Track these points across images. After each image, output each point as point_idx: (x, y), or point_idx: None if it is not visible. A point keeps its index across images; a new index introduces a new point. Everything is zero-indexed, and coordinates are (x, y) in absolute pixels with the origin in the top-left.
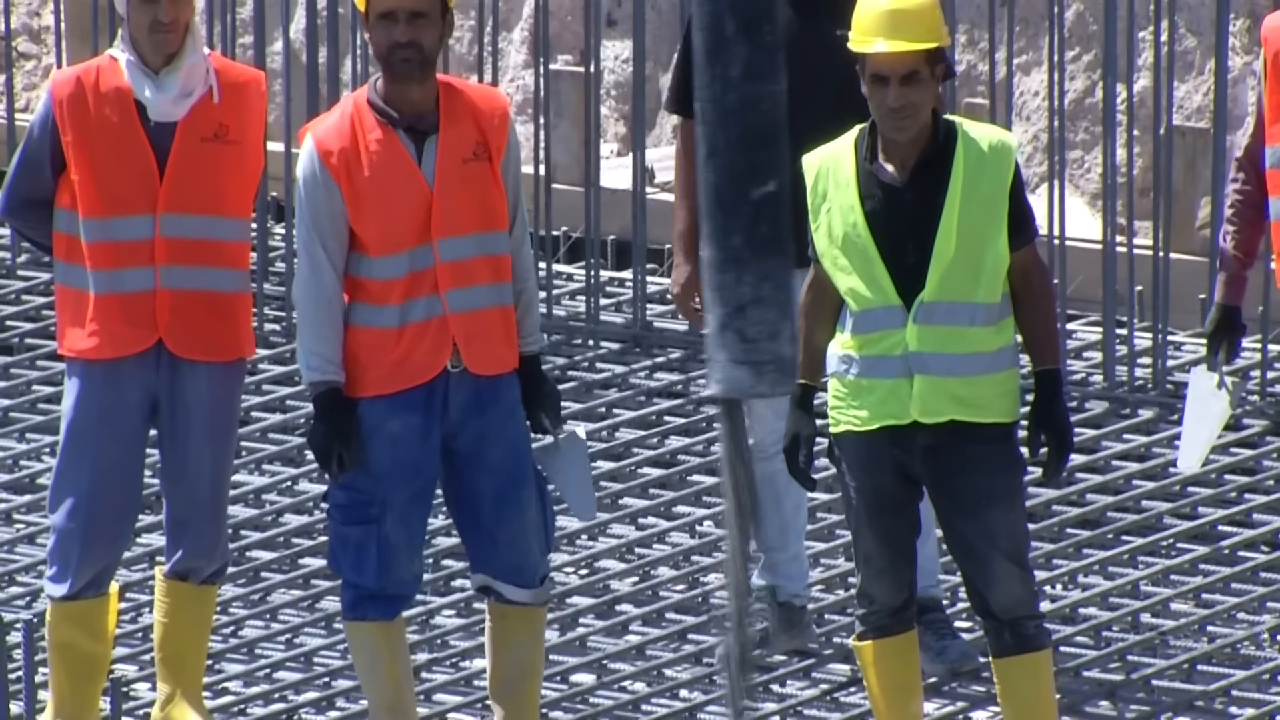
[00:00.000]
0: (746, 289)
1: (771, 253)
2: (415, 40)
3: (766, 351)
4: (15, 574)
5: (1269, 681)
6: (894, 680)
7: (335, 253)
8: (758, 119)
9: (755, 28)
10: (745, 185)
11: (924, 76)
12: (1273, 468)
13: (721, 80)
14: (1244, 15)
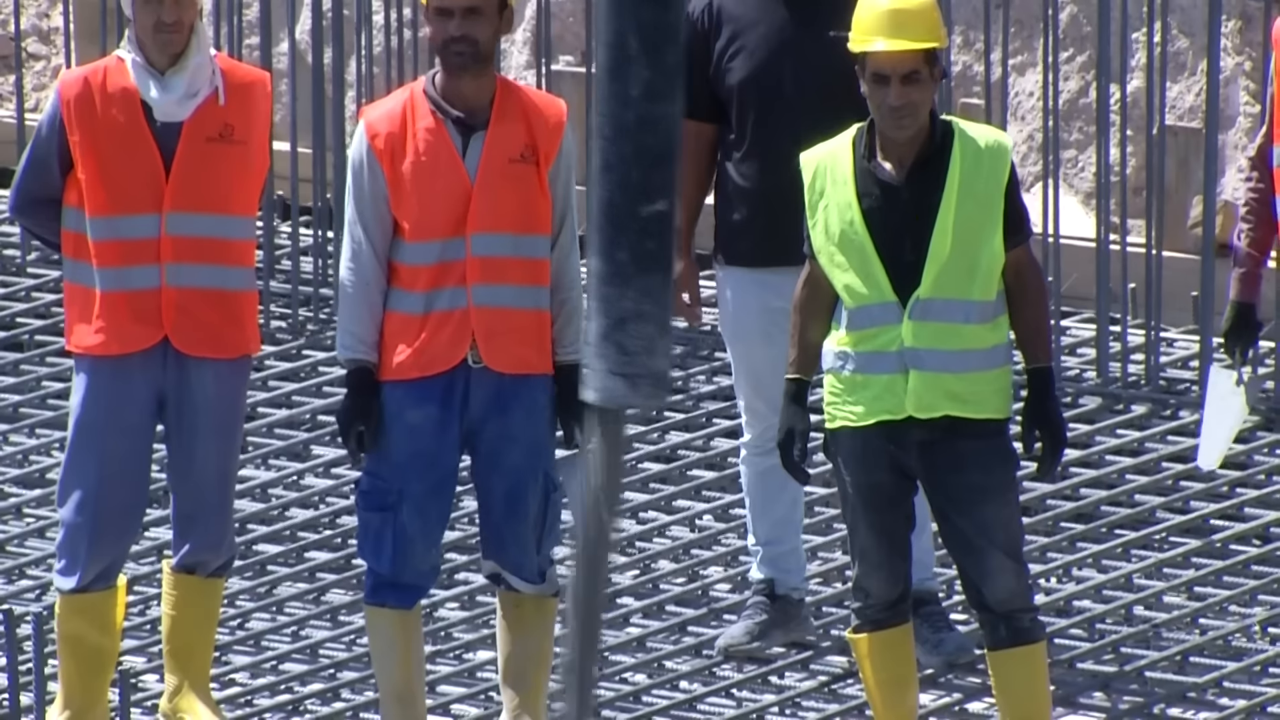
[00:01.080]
0: (629, 303)
1: (655, 269)
2: (469, 35)
3: (642, 366)
4: (25, 568)
5: (1260, 673)
6: (890, 672)
7: (376, 235)
8: (654, 139)
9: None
10: (636, 202)
11: (924, 76)
12: (1264, 462)
13: (621, 98)
14: (1236, 17)
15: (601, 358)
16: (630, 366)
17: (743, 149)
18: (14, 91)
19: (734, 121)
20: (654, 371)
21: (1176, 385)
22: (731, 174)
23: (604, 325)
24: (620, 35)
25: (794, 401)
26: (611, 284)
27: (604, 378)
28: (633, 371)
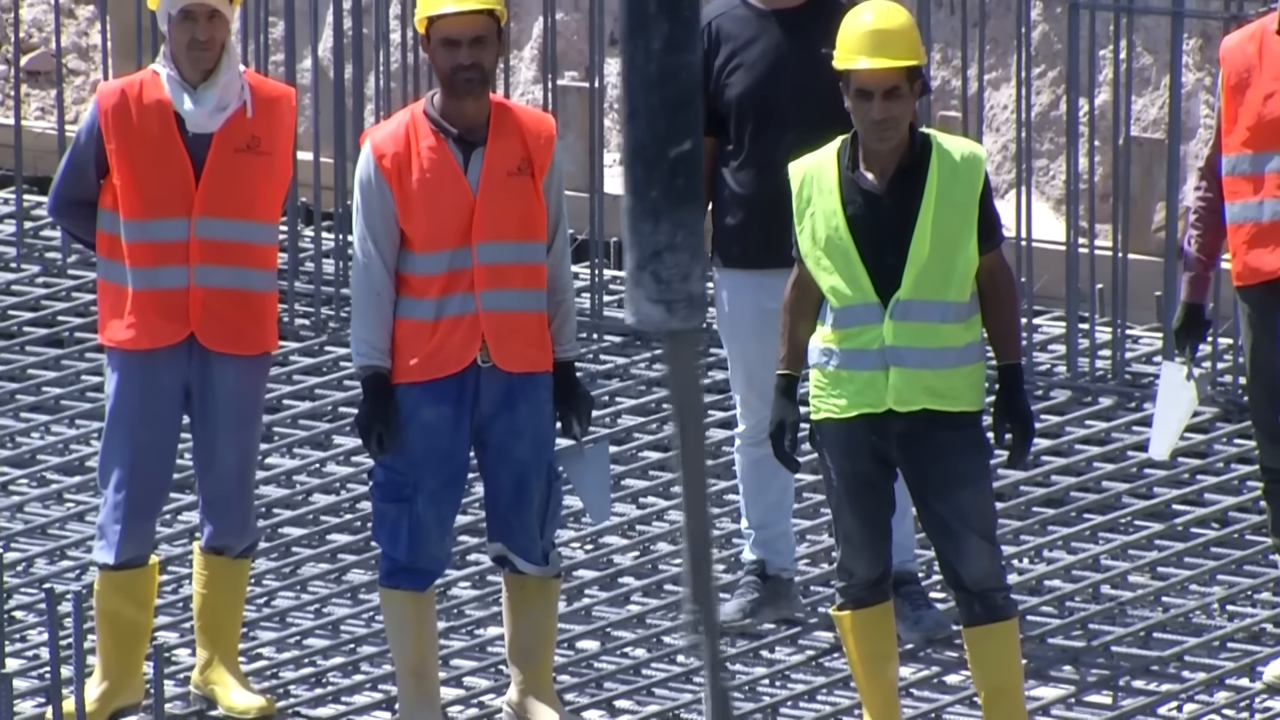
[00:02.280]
0: (663, 236)
1: (687, 203)
2: (477, 62)
3: (679, 291)
4: (66, 549)
5: (1219, 648)
6: (872, 647)
7: (386, 249)
8: (676, 86)
9: (676, 5)
10: (664, 144)
11: (904, 91)
12: (1222, 451)
13: (644, 51)
14: (1196, 35)
15: (639, 286)
16: (668, 293)
17: (739, 158)
18: (55, 105)
19: (731, 133)
20: (690, 295)
21: (1141, 379)
22: (729, 182)
23: (639, 257)
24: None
25: (784, 395)
26: (646, 219)
27: (642, 304)
28: (670, 297)
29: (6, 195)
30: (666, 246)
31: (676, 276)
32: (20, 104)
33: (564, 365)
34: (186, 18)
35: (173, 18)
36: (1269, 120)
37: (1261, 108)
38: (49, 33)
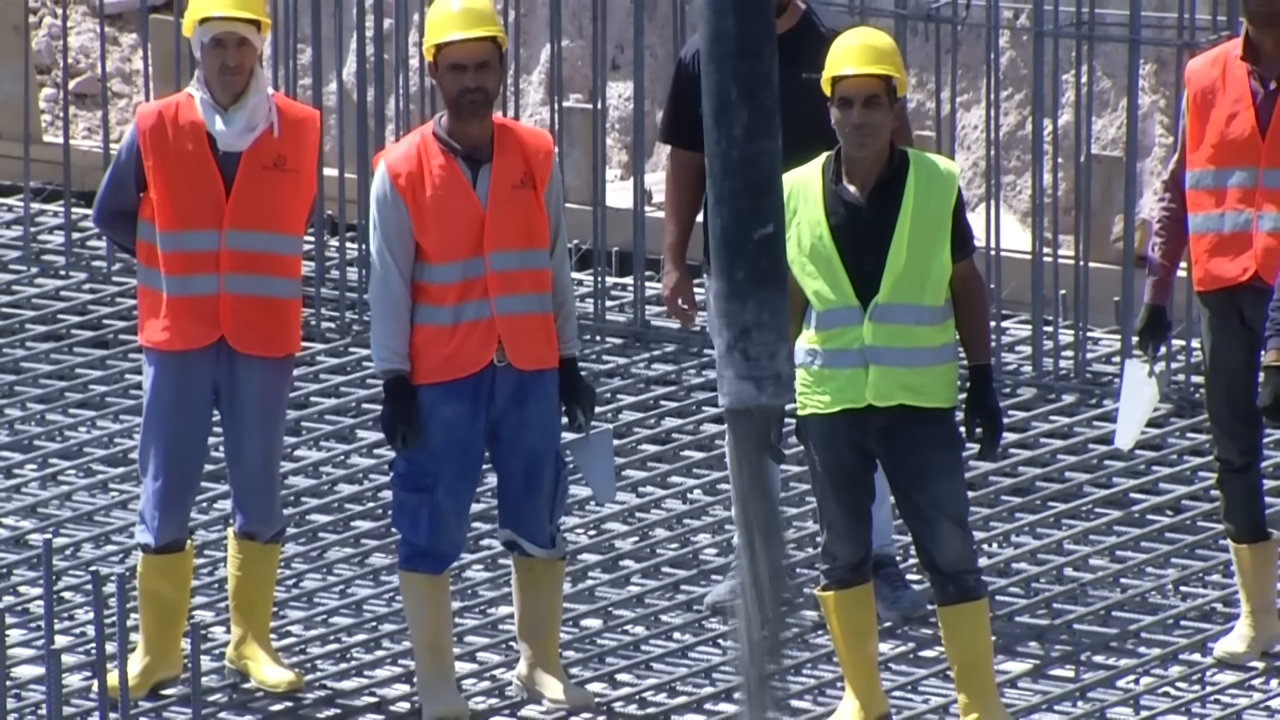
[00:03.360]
0: (750, 315)
1: (771, 284)
2: (482, 85)
3: (767, 369)
4: (110, 535)
5: (1173, 625)
6: (853, 625)
7: (403, 260)
8: (757, 171)
9: (755, 94)
10: (748, 227)
11: (883, 101)
12: (1176, 444)
13: (727, 139)
14: (1152, 61)
15: (730, 366)
16: (756, 370)
17: None
18: (100, 125)
19: None
20: (777, 373)
21: (1101, 378)
22: None
23: (729, 337)
24: (722, 86)
25: None
26: (732, 300)
27: (734, 383)
28: (759, 374)
29: (56, 209)
30: (754, 325)
31: (764, 354)
32: (68, 124)
33: (568, 361)
34: (218, 45)
35: (205, 45)
36: (1231, 139)
37: (1224, 127)
38: (95, 59)
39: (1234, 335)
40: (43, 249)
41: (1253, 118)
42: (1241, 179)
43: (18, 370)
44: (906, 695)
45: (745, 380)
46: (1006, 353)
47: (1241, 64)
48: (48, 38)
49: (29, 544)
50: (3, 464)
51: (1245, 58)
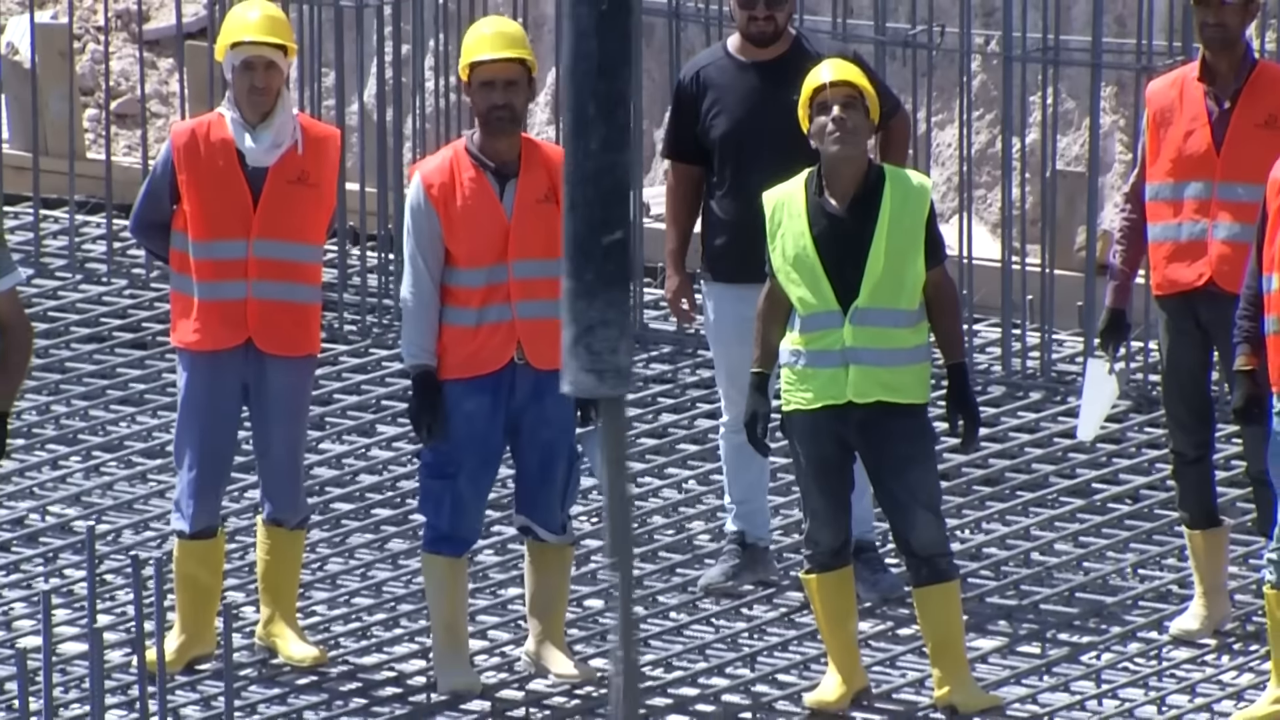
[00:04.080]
0: (595, 313)
1: (616, 285)
2: (509, 103)
3: (609, 363)
4: (149, 521)
5: (1132, 606)
6: (835, 606)
7: (433, 265)
8: (611, 181)
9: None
10: (599, 233)
11: (858, 104)
12: (1135, 438)
13: (584, 151)
14: (1112, 84)
15: (575, 358)
16: (598, 364)
17: (723, 189)
18: (140, 143)
19: (716, 166)
20: (618, 367)
21: (1066, 376)
22: (714, 208)
23: (575, 332)
24: (581, 102)
25: (757, 390)
26: (580, 299)
27: (577, 374)
28: (600, 368)
29: (99, 220)
30: (599, 322)
31: (606, 349)
32: (110, 142)
33: None
34: (247, 68)
35: (235, 67)
36: (1188, 154)
37: (1182, 143)
38: (134, 81)
39: (1189, 337)
40: (86, 257)
41: (1208, 135)
42: (1197, 191)
43: (63, 370)
44: (885, 670)
45: (588, 372)
46: (978, 353)
47: (1198, 85)
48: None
49: (73, 530)
50: (50, 456)
51: (1202, 79)
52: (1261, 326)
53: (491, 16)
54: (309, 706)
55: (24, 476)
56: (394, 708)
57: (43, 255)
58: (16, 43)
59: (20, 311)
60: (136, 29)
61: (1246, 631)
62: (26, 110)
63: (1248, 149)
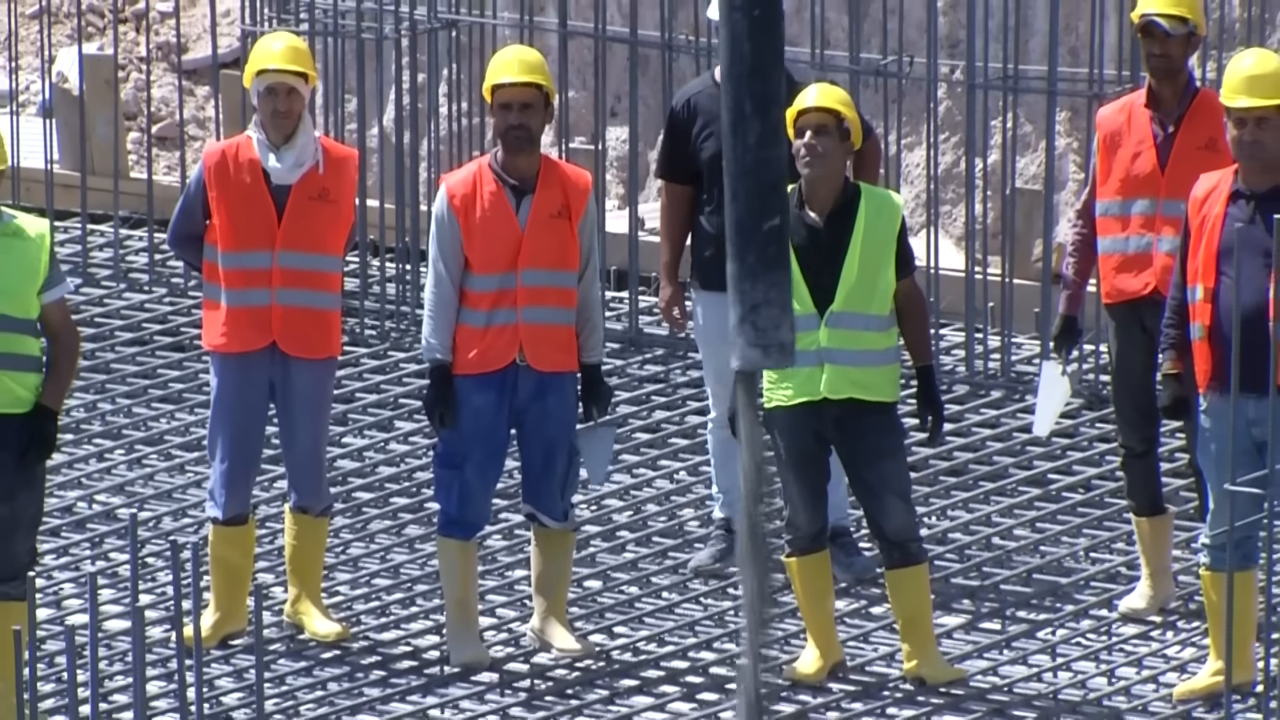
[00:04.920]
0: (759, 294)
1: (777, 267)
2: (525, 124)
3: (773, 338)
4: (186, 509)
5: (1084, 586)
6: (813, 586)
7: (454, 269)
8: (768, 173)
9: (766, 109)
10: (759, 219)
11: (831, 131)
12: (1087, 432)
13: (742, 145)
14: (1066, 109)
15: (742, 335)
16: (764, 339)
17: (711, 206)
18: (179, 163)
19: (705, 185)
20: (782, 342)
21: (1024, 377)
22: (703, 223)
23: (741, 311)
24: (738, 100)
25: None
26: (744, 280)
27: (745, 350)
28: (766, 343)
29: (141, 234)
30: (763, 302)
31: (770, 326)
32: (151, 162)
33: (593, 367)
34: (271, 93)
35: (260, 93)
36: (1135, 174)
37: (1129, 164)
38: (174, 107)
39: (1136, 341)
40: (130, 268)
41: (1154, 156)
42: (1144, 208)
43: (108, 371)
44: (859, 645)
45: (754, 348)
46: (944, 355)
47: (1145, 111)
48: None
49: (118, 517)
50: (96, 449)
51: (1148, 105)
52: (1187, 333)
53: (514, 45)
54: (333, 678)
55: (72, 468)
56: (410, 679)
57: (90, 266)
58: (66, 72)
59: (68, 319)
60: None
61: (1189, 610)
62: (75, 133)
63: (1190, 169)
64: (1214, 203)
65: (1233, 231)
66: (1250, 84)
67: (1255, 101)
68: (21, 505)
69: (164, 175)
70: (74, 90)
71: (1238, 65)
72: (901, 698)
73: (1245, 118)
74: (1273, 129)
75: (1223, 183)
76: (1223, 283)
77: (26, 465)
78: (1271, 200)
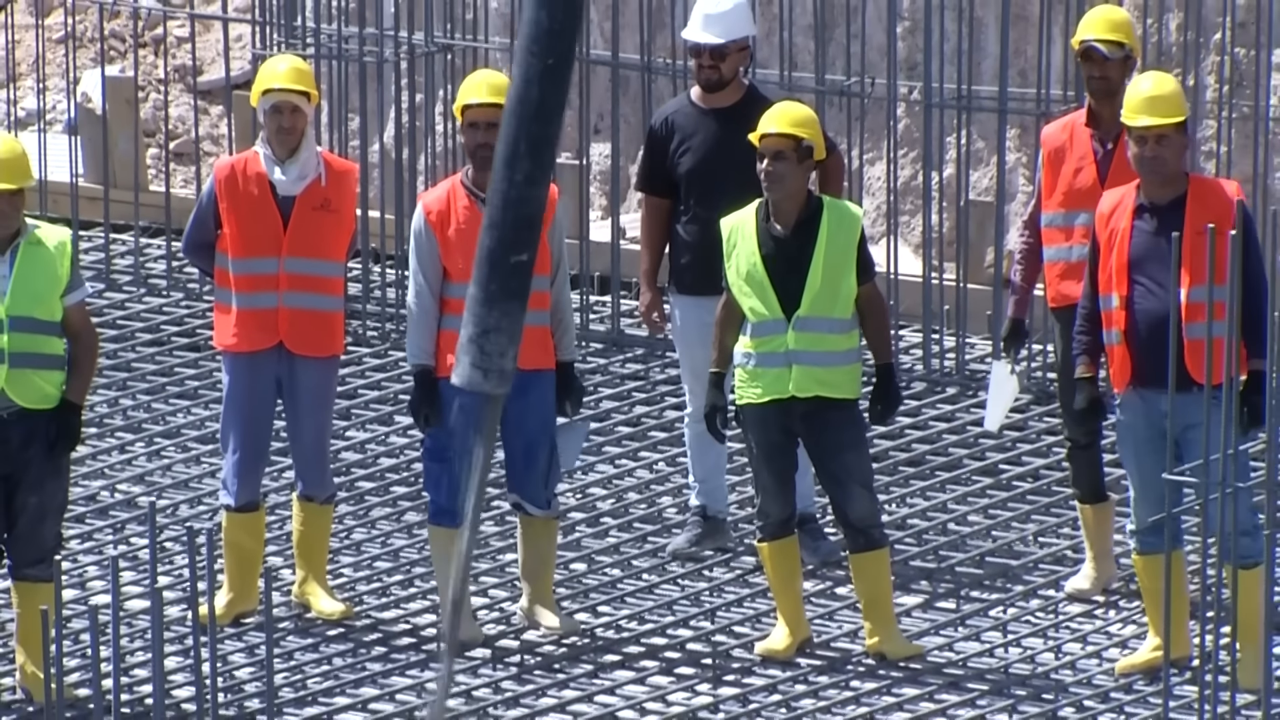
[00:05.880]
0: (492, 320)
1: (515, 299)
2: (490, 142)
3: (495, 364)
4: (202, 498)
5: (1033, 568)
6: (783, 568)
7: (433, 279)
8: (527, 210)
9: (539, 152)
10: (509, 251)
11: (788, 155)
12: (1035, 426)
13: (509, 180)
14: (1016, 126)
15: (468, 354)
16: (487, 363)
17: (687, 216)
18: (194, 178)
19: (682, 196)
20: (503, 369)
21: (977, 375)
22: (680, 232)
23: (472, 332)
24: (515, 139)
25: (715, 387)
26: (483, 305)
27: (468, 369)
28: (488, 366)
29: (159, 242)
30: (494, 328)
31: (496, 352)
32: (169, 176)
33: (565, 365)
34: (275, 111)
35: (266, 111)
36: (1077, 188)
37: (1072, 179)
38: (190, 125)
39: None
40: (149, 274)
41: (1094, 171)
42: (1085, 219)
43: (129, 369)
44: (825, 623)
45: (477, 369)
46: (904, 355)
47: (1086, 129)
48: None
49: (138, 505)
50: (118, 442)
51: (1089, 124)
52: (1099, 339)
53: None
54: (338, 653)
55: (96, 459)
56: (409, 654)
57: (112, 272)
58: (90, 92)
59: (88, 321)
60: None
61: (1130, 590)
62: (98, 149)
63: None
64: (1120, 217)
65: (1143, 242)
66: (1150, 104)
67: (1155, 120)
68: (49, 494)
69: (181, 188)
70: (97, 109)
71: (1137, 87)
72: (864, 672)
73: (1146, 135)
74: (1171, 145)
75: (1126, 198)
76: (1136, 290)
77: (54, 456)
78: (1173, 211)
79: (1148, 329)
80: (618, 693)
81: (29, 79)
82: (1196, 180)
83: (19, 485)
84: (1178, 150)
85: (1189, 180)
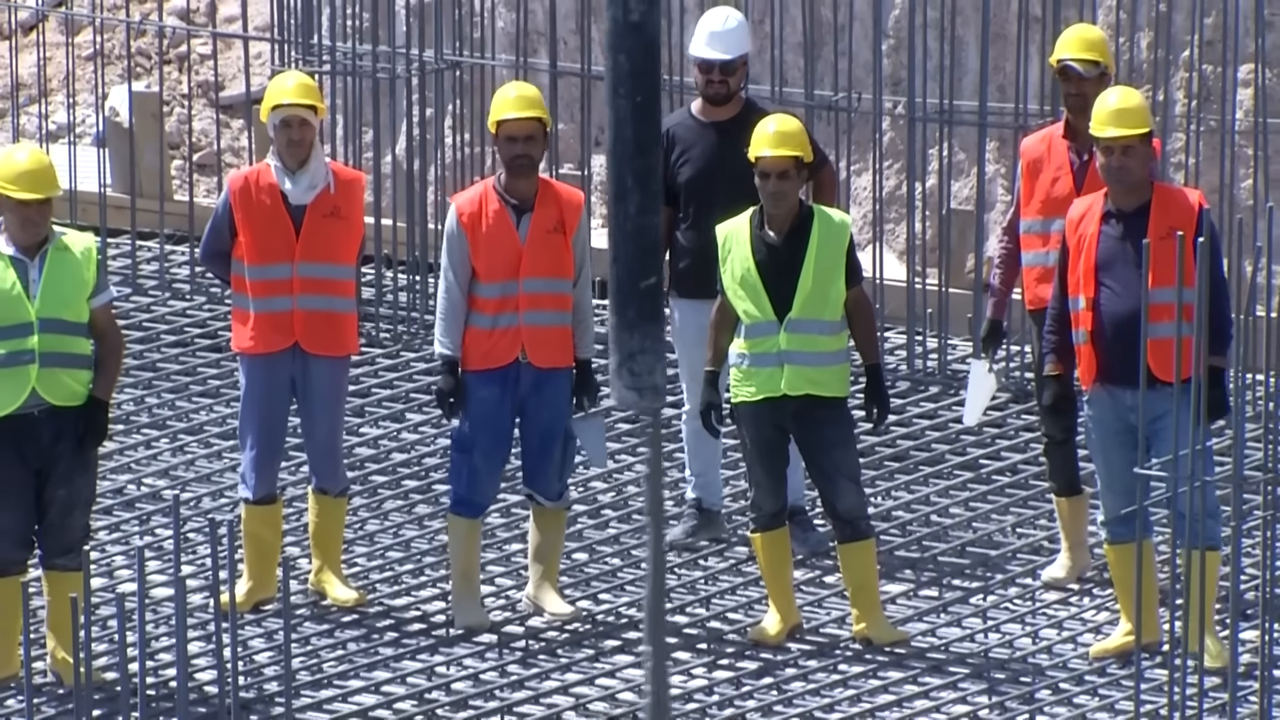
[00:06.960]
0: (635, 343)
1: (652, 320)
2: (527, 153)
3: (646, 382)
4: (223, 491)
5: (1011, 557)
6: (774, 558)
7: (462, 277)
8: (645, 238)
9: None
10: (637, 278)
11: (791, 174)
12: (1014, 423)
13: (624, 214)
14: (995, 139)
15: (619, 378)
16: (638, 384)
17: (687, 222)
18: (216, 188)
19: (681, 204)
20: (654, 386)
21: (958, 374)
22: (679, 238)
23: (620, 358)
24: (621, 175)
25: (710, 385)
26: (623, 331)
27: (621, 392)
28: (641, 386)
29: (183, 249)
30: (639, 350)
31: (645, 371)
32: (193, 187)
33: (583, 363)
34: (285, 124)
35: (276, 125)
36: (1054, 197)
37: (1049, 188)
38: (212, 138)
39: None
40: (173, 279)
41: (1071, 181)
42: (1062, 226)
43: (154, 369)
44: (814, 609)
45: (630, 390)
46: (889, 356)
47: (1063, 141)
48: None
49: (162, 498)
50: (144, 438)
51: (1065, 136)
52: (1067, 339)
53: (516, 82)
54: (352, 639)
55: (122, 455)
56: (420, 640)
57: (138, 277)
58: (118, 107)
59: (113, 322)
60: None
61: (1103, 579)
62: (125, 161)
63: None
64: (1089, 223)
65: (1109, 247)
66: (1117, 116)
67: (1121, 131)
68: (78, 488)
69: (204, 198)
70: (124, 123)
71: (1104, 101)
72: (851, 656)
73: (1113, 146)
74: (1137, 155)
75: (1094, 205)
76: (1103, 293)
77: (82, 451)
78: (1138, 218)
79: (1113, 329)
80: (618, 676)
81: (60, 94)
82: (1161, 189)
83: (49, 479)
84: (1142, 160)
85: (1154, 189)
